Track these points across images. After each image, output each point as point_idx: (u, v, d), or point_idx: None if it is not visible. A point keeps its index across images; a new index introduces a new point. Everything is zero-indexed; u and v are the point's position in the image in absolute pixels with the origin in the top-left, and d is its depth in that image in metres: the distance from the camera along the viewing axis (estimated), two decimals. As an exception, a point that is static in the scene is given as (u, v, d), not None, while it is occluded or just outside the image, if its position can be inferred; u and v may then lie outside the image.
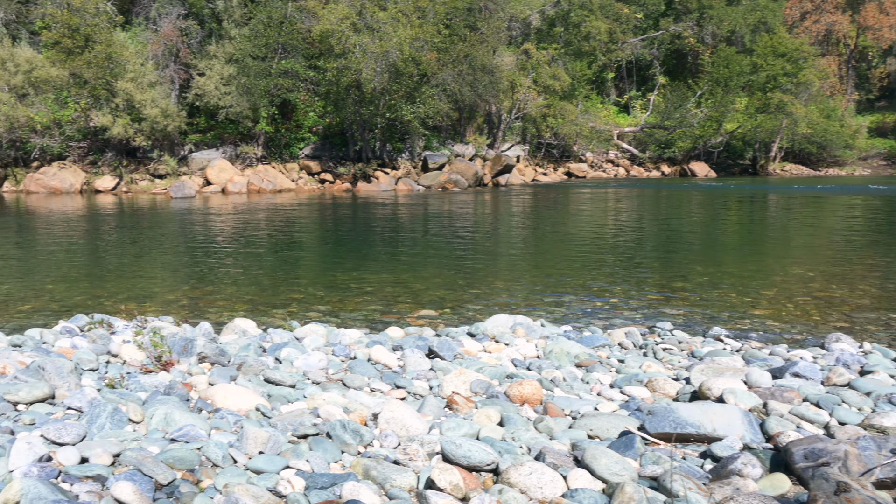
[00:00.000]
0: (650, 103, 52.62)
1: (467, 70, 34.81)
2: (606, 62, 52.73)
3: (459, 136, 39.70)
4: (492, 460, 3.24)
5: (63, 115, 32.74)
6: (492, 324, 6.70)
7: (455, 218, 20.41)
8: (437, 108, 33.90)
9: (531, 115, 42.15)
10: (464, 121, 39.91)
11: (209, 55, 34.20)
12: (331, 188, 33.77)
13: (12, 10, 36.47)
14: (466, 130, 40.36)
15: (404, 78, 32.93)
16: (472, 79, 35.07)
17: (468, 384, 4.63)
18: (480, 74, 35.30)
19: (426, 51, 33.21)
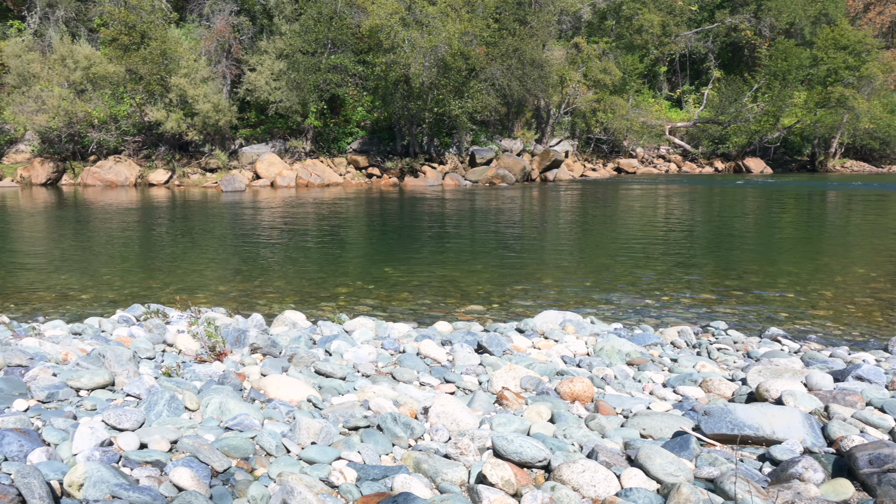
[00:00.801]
0: (704, 97, 51.40)
1: (516, 64, 34.58)
2: (659, 56, 51.69)
3: (507, 131, 39.49)
4: (543, 457, 3.21)
5: (119, 111, 33.78)
6: (541, 320, 6.64)
7: (502, 213, 20.33)
8: (486, 103, 33.78)
9: (581, 110, 41.65)
10: (512, 115, 39.67)
11: (260, 51, 34.78)
12: (378, 183, 34.01)
13: (72, 8, 37.74)
14: (514, 125, 40.11)
15: (453, 72, 32.89)
16: (521, 73, 34.82)
17: (518, 380, 4.59)
18: (530, 69, 35.02)
19: (475, 45, 33.11)
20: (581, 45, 41.08)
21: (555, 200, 25.30)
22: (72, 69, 33.06)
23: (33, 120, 32.38)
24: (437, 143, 36.34)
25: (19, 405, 3.70)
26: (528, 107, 41.11)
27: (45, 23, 37.84)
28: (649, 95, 52.73)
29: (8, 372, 4.27)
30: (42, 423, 3.42)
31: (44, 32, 37.47)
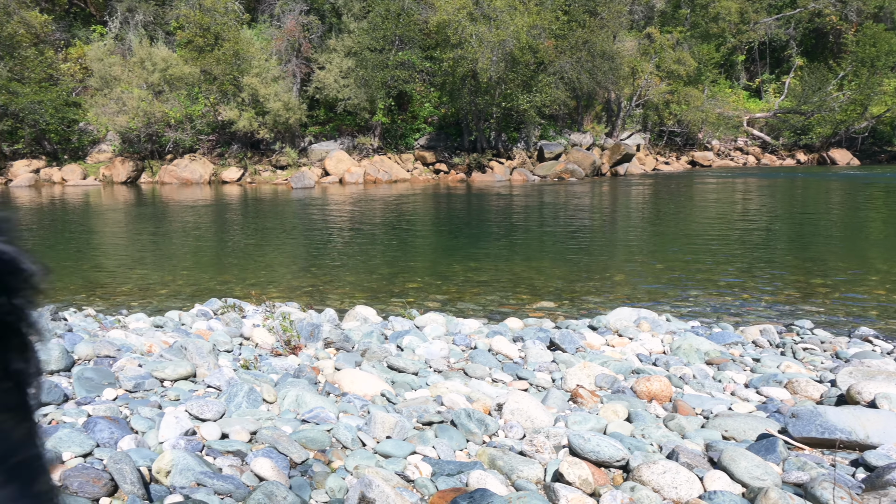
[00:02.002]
0: (785, 87, 49.19)
1: (586, 57, 34.01)
2: (736, 44, 49.76)
3: (576, 125, 38.92)
4: (622, 456, 3.13)
5: (194, 110, 35.09)
6: (614, 317, 6.50)
7: (571, 209, 20.04)
8: (554, 97, 33.38)
9: (653, 102, 40.60)
10: (581, 109, 39.06)
11: (329, 49, 35.43)
12: (445, 178, 34.12)
13: (150, 12, 39.42)
14: (584, 119, 39.49)
15: (521, 66, 32.63)
16: (590, 66, 34.24)
17: (592, 378, 4.50)
18: (600, 61, 34.38)
19: (543, 38, 32.74)
20: (654, 36, 40.00)
21: (626, 195, 24.77)
22: (150, 71, 34.54)
23: (114, 121, 34.02)
24: (504, 138, 36.16)
25: (108, 394, 3.87)
26: (598, 100, 40.38)
27: (126, 27, 39.69)
28: (726, 86, 50.86)
29: (97, 362, 4.48)
30: (130, 412, 3.56)
31: (124, 36, 39.31)
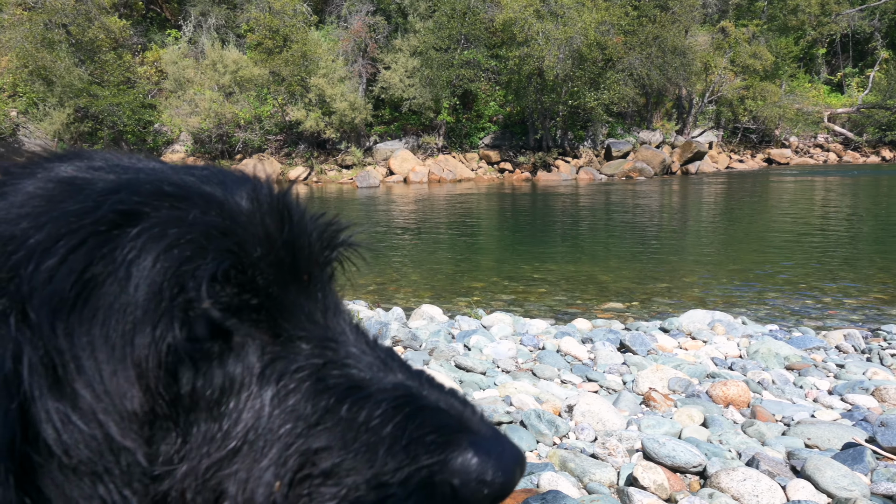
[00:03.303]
0: (869, 80, 46.74)
1: (656, 52, 33.24)
2: (817, 37, 47.61)
3: (646, 123, 38.08)
4: (698, 462, 3.04)
5: (263, 111, 36.09)
6: (687, 319, 6.32)
7: (640, 208, 19.63)
8: (623, 94, 32.76)
9: (727, 98, 39.30)
10: (651, 106, 38.19)
11: (394, 49, 35.80)
12: (510, 178, 33.98)
13: (222, 15, 40.77)
14: (653, 116, 38.59)
15: (588, 63, 32.17)
16: (661, 62, 33.43)
17: (665, 381, 4.39)
18: (671, 57, 33.53)
19: (612, 34, 32.19)
20: (728, 30, 38.73)
21: (697, 194, 24.07)
22: (221, 73, 35.73)
23: (187, 122, 35.35)
24: (571, 137, 35.73)
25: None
26: (669, 96, 39.40)
27: (199, 31, 41.18)
28: (805, 80, 48.72)
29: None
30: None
31: (197, 40, 40.79)
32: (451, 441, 0.79)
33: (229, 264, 0.78)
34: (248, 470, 0.78)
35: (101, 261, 0.75)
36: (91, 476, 0.74)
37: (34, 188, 0.82)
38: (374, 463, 0.78)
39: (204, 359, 0.79)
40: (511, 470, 0.80)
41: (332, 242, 0.96)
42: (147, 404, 0.75)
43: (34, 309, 0.74)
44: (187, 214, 0.80)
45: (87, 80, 34.99)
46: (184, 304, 0.76)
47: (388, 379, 0.84)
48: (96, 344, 0.74)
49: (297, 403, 0.80)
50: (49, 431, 0.73)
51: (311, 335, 0.85)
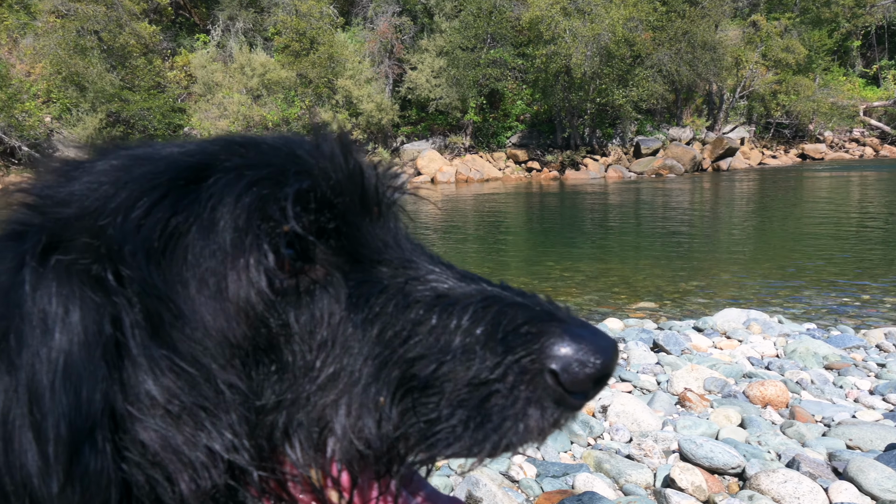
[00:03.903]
0: (906, 72, 45.62)
1: (686, 48, 32.80)
2: (851, 29, 46.53)
3: (675, 119, 37.59)
4: (737, 463, 2.98)
5: (290, 113, 36.39)
6: (721, 318, 6.22)
7: (670, 205, 19.39)
8: (652, 91, 32.39)
9: (758, 93, 38.61)
10: (680, 102, 37.69)
11: (421, 49, 35.87)
12: (538, 177, 33.82)
13: (249, 19, 41.22)
14: (683, 112, 38.08)
15: (616, 60, 31.88)
16: (690, 57, 32.99)
17: (701, 381, 4.32)
18: (701, 52, 33.06)
19: (640, 30, 31.86)
20: (759, 23, 38.04)
21: (729, 191, 23.71)
22: (249, 76, 36.13)
23: (216, 125, 35.77)
24: (599, 135, 35.44)
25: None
26: (699, 92, 38.85)
27: (227, 35, 41.68)
28: (840, 73, 47.64)
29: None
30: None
31: (225, 44, 41.29)
32: (545, 330, 0.81)
33: (308, 185, 0.82)
34: (349, 392, 0.80)
35: (184, 210, 0.79)
36: (195, 421, 0.77)
37: (108, 164, 0.86)
38: (472, 363, 0.80)
39: (293, 288, 0.82)
40: (607, 350, 0.81)
41: (393, 183, 1.01)
42: (247, 338, 0.78)
43: (127, 260, 0.77)
44: (259, 158, 0.85)
45: (119, 85, 35.64)
46: (269, 230, 0.79)
47: (471, 287, 0.87)
48: (191, 287, 0.77)
49: (388, 321, 0.83)
50: (152, 382, 0.76)
51: (389, 258, 0.89)
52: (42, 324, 0.74)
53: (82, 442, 0.73)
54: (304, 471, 0.82)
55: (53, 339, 0.74)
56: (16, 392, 0.73)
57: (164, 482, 0.78)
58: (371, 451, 0.80)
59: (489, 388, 0.79)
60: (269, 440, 0.81)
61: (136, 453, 0.77)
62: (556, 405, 0.80)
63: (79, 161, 0.90)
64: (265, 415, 0.79)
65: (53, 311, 0.74)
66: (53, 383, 0.73)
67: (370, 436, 0.80)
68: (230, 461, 0.78)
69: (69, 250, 0.78)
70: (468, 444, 0.79)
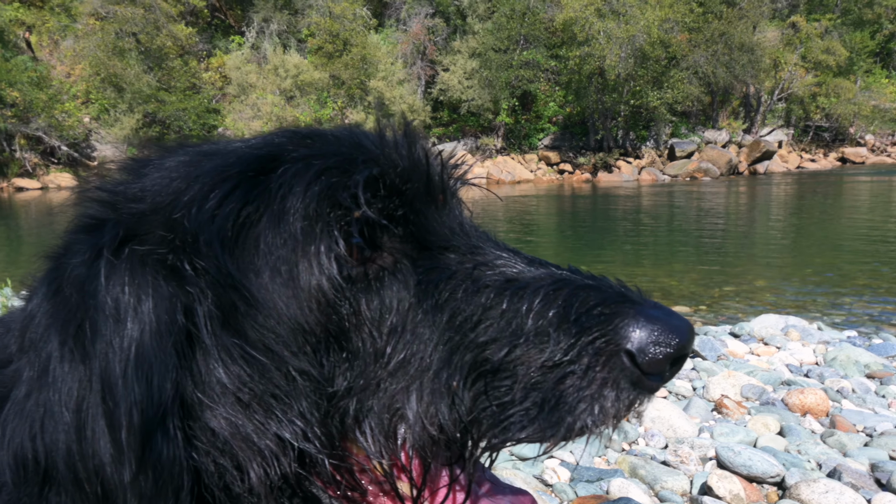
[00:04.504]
0: (952, 74, 44.34)
1: (722, 50, 32.32)
2: (895, 30, 45.40)
3: (711, 122, 37.05)
4: (776, 472, 2.92)
5: (323, 114, 36.70)
6: (759, 324, 6.10)
7: (705, 209, 19.10)
8: (687, 93, 31.99)
9: (797, 96, 37.86)
10: (716, 105, 37.14)
11: (453, 51, 35.91)
12: (570, 179, 33.60)
13: (283, 21, 41.69)
14: (719, 115, 37.51)
15: (651, 62, 31.55)
16: (727, 59, 32.49)
17: (738, 388, 4.24)
18: (738, 53, 32.55)
19: (676, 32, 31.47)
20: (799, 24, 37.30)
21: (766, 195, 23.27)
22: (283, 77, 36.54)
23: (250, 126, 36.24)
24: (632, 137, 35.09)
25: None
26: (736, 94, 38.24)
27: (261, 36, 42.21)
28: (882, 76, 46.46)
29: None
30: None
31: (259, 45, 41.83)
32: (619, 312, 0.80)
33: (377, 172, 0.84)
34: (421, 378, 0.81)
35: (255, 200, 0.81)
36: (265, 409, 0.78)
37: (177, 161, 0.89)
38: (545, 346, 0.79)
39: (363, 275, 0.83)
40: (683, 330, 0.80)
41: (455, 172, 1.02)
42: (318, 324, 0.79)
43: (202, 251, 0.79)
44: (326, 148, 0.86)
45: (155, 86, 36.35)
46: (339, 217, 0.81)
47: (540, 271, 0.87)
48: (264, 275, 0.79)
49: (457, 306, 0.83)
50: (223, 370, 0.77)
51: (456, 244, 0.89)
52: (115, 313, 0.76)
53: (154, 430, 0.74)
54: (376, 458, 0.82)
55: (126, 328, 0.75)
56: (89, 381, 0.74)
57: (233, 470, 0.78)
58: (443, 436, 0.80)
59: (563, 370, 0.79)
60: (341, 427, 0.82)
61: (205, 441, 0.78)
62: (633, 387, 0.79)
63: (147, 159, 0.92)
64: (336, 401, 0.80)
65: (126, 301, 0.76)
66: (126, 372, 0.74)
67: (443, 421, 0.80)
68: (300, 450, 0.79)
69: (144, 242, 0.80)
70: (542, 428, 0.79)
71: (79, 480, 0.75)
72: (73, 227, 0.87)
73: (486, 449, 0.84)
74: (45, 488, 0.77)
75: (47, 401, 0.75)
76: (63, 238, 0.88)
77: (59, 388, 0.75)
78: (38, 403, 0.76)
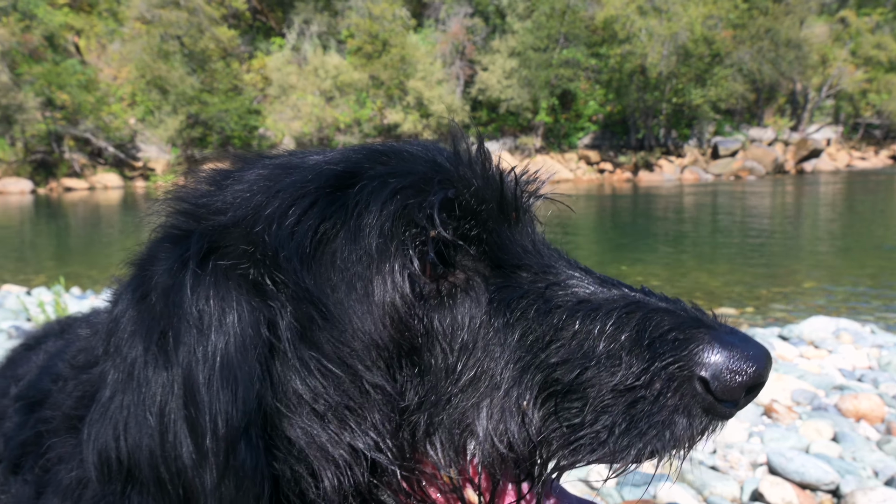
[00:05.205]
0: None
1: (768, 46, 31.59)
2: (950, 23, 43.76)
3: (756, 119, 36.25)
4: (831, 480, 2.83)
5: (362, 115, 36.99)
6: (808, 327, 5.93)
7: (751, 209, 18.68)
8: (731, 90, 31.36)
9: (847, 92, 36.80)
10: (762, 102, 36.32)
11: (492, 50, 35.83)
12: (610, 178, 33.24)
13: (324, 22, 42.15)
14: (765, 112, 36.68)
15: (694, 59, 31.01)
16: (773, 55, 31.75)
17: (788, 392, 4.12)
18: (784, 50, 31.78)
19: (720, 28, 30.86)
20: (849, 19, 36.24)
21: (814, 194, 22.66)
22: (322, 78, 36.94)
23: (290, 126, 36.72)
24: (674, 135, 34.56)
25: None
26: (782, 91, 37.33)
27: (302, 38, 42.74)
28: (936, 71, 44.89)
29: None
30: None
31: (300, 47, 42.35)
32: (693, 337, 0.80)
33: (453, 193, 0.85)
34: (491, 396, 0.81)
35: (332, 217, 0.83)
36: (339, 420, 0.80)
37: (256, 174, 0.92)
38: (617, 369, 0.80)
39: (435, 293, 0.84)
40: (760, 358, 0.79)
41: (529, 189, 1.03)
42: (392, 340, 0.81)
43: (282, 266, 0.82)
44: (402, 167, 0.88)
45: (199, 88, 37.12)
46: (415, 236, 0.82)
47: (613, 292, 0.87)
48: (340, 290, 0.81)
49: (529, 326, 0.84)
50: (300, 381, 0.80)
51: (529, 264, 0.90)
52: (199, 324, 0.79)
53: (238, 439, 0.77)
54: (445, 471, 0.84)
55: (209, 339, 0.78)
56: (172, 387, 0.78)
57: (308, 478, 0.81)
58: (513, 454, 0.81)
59: (635, 394, 0.79)
60: (412, 440, 0.83)
61: (283, 449, 0.81)
62: (706, 413, 0.79)
63: (227, 170, 0.96)
64: (408, 415, 0.82)
65: (210, 313, 0.79)
66: (210, 381, 0.77)
67: (512, 439, 0.81)
68: (373, 460, 0.81)
69: (227, 256, 0.83)
70: (612, 451, 0.80)
71: (161, 482, 0.78)
72: (159, 237, 0.91)
73: (555, 469, 0.84)
74: (127, 487, 0.80)
75: (131, 404, 0.78)
76: (148, 246, 0.91)
77: (142, 393, 0.78)
78: (122, 406, 0.79)
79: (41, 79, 35.68)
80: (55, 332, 1.64)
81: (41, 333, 1.74)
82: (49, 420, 1.01)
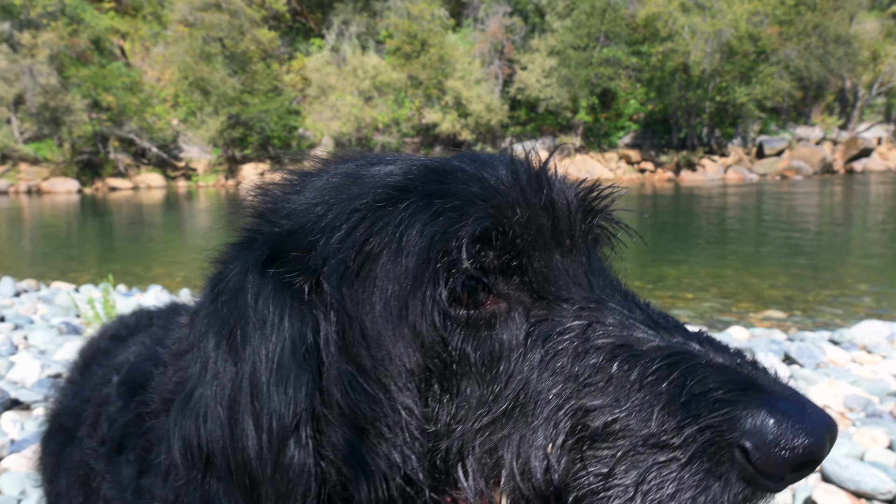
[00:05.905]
0: None
1: (816, 42, 30.75)
2: None
3: (803, 118, 35.33)
4: (888, 489, 2.72)
5: (400, 114, 37.17)
6: (861, 331, 5.74)
7: (798, 209, 18.21)
8: (777, 88, 30.62)
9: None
10: (809, 100, 35.38)
11: (531, 49, 35.65)
12: (651, 178, 32.77)
13: (362, 23, 42.48)
14: (812, 111, 35.72)
15: (738, 57, 30.37)
16: (821, 52, 30.90)
17: (841, 398, 3.99)
18: (833, 46, 30.90)
19: (766, 25, 30.16)
20: (901, 14, 35.07)
21: (864, 194, 21.98)
22: (361, 79, 37.23)
23: (329, 126, 37.11)
24: (718, 134, 33.90)
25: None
26: (830, 89, 36.31)
27: (341, 38, 43.15)
28: None
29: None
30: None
31: (339, 47, 42.76)
32: (740, 400, 0.74)
33: (489, 225, 0.83)
34: (520, 432, 0.80)
35: (378, 234, 0.84)
36: (377, 435, 0.82)
37: (323, 182, 0.95)
38: (650, 421, 0.75)
39: (471, 321, 0.83)
40: (818, 433, 0.72)
41: (592, 210, 0.98)
42: (423, 365, 0.81)
43: (325, 278, 0.84)
44: (450, 187, 0.87)
45: (239, 89, 37.78)
46: (448, 265, 0.82)
47: (662, 337, 0.82)
48: (377, 309, 0.82)
49: (565, 364, 0.81)
50: (339, 393, 0.82)
51: (575, 297, 0.86)
52: (262, 326, 0.82)
53: (289, 437, 0.80)
54: (474, 498, 0.82)
55: (270, 341, 0.82)
56: (240, 382, 0.81)
57: (351, 483, 0.83)
58: (536, 494, 0.79)
59: (667, 452, 0.74)
60: (444, 463, 0.83)
61: (330, 452, 0.83)
62: (745, 483, 0.73)
63: (306, 172, 1.01)
64: (437, 440, 0.81)
65: (270, 317, 0.83)
66: (269, 380, 0.80)
67: (535, 481, 0.78)
68: (408, 475, 0.82)
69: (284, 263, 0.86)
70: None
71: (231, 470, 0.82)
72: (236, 238, 0.97)
73: None
74: (206, 474, 0.84)
75: (207, 396, 0.83)
76: (227, 245, 0.97)
77: (213, 385, 0.82)
78: (200, 396, 0.84)
79: (88, 81, 36.76)
80: (145, 324, 1.77)
81: (133, 323, 1.86)
82: (149, 403, 1.08)
